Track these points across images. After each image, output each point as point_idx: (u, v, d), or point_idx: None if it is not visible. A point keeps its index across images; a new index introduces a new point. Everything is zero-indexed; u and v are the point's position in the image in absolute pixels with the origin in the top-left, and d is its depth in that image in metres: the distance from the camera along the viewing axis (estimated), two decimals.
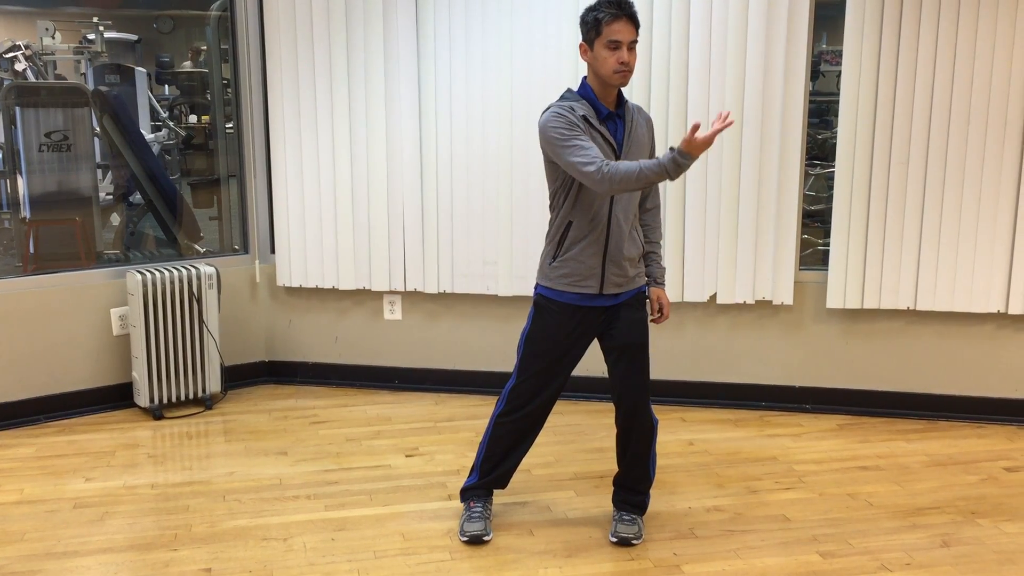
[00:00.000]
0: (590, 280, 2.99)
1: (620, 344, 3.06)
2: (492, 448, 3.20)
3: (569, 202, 2.96)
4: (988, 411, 4.33)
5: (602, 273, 2.98)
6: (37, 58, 6.83)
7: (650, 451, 3.17)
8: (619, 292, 3.02)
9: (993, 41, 4.01)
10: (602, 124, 2.92)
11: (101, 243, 5.68)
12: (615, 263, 2.98)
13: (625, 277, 3.02)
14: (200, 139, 7.78)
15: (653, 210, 3.18)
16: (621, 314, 3.04)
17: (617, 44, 2.83)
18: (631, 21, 2.84)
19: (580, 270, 2.98)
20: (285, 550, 3.11)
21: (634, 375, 3.07)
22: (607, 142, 2.92)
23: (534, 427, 3.19)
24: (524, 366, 3.10)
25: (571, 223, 2.97)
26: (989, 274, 4.17)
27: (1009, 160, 4.08)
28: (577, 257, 2.98)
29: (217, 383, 4.58)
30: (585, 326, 3.05)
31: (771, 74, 4.18)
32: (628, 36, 2.83)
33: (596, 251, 2.97)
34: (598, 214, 2.95)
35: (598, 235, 2.96)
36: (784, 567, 3.00)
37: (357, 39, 4.51)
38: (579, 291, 3.00)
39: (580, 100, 2.92)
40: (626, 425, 3.12)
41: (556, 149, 2.82)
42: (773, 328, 4.44)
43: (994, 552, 3.11)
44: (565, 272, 3.00)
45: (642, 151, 3.01)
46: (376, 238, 4.64)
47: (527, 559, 3.05)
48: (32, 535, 3.22)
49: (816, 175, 6.83)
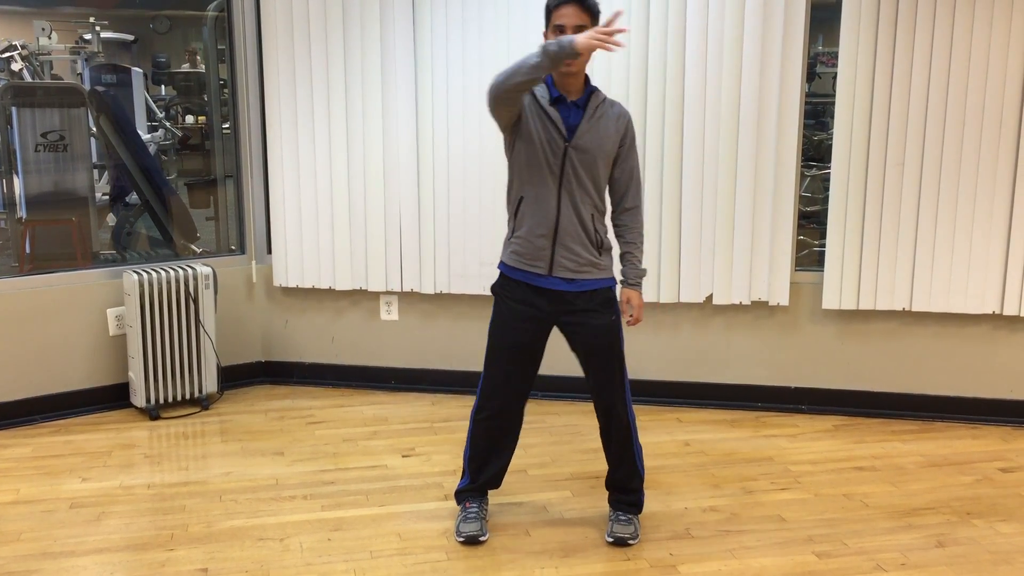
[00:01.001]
0: (539, 262, 2.99)
1: (583, 349, 3.07)
2: (474, 447, 3.21)
3: (516, 176, 2.99)
4: (983, 412, 4.35)
5: (551, 255, 2.98)
6: (33, 58, 6.83)
7: (632, 446, 3.16)
8: (573, 278, 3.00)
9: (988, 43, 4.03)
10: (552, 105, 2.92)
11: (97, 243, 5.68)
12: (564, 246, 2.97)
13: (577, 262, 2.99)
14: (196, 139, 7.78)
15: (632, 210, 3.10)
16: (581, 317, 3.02)
17: (561, 28, 2.84)
18: (580, 6, 2.83)
19: (530, 250, 2.99)
20: (281, 550, 3.11)
21: (603, 377, 3.07)
22: (553, 123, 2.91)
23: (510, 422, 3.17)
24: (489, 357, 3.11)
25: (522, 199, 2.99)
26: (984, 275, 4.18)
27: (1004, 162, 4.09)
28: (527, 236, 2.99)
29: (214, 383, 4.58)
30: (538, 309, 3.03)
31: (767, 75, 4.19)
32: (572, 21, 2.83)
33: (546, 232, 2.97)
34: (544, 192, 2.95)
35: (546, 214, 2.96)
36: (780, 567, 3.00)
37: (354, 39, 4.51)
38: (529, 270, 3.01)
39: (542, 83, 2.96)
40: (604, 424, 3.14)
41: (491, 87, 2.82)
42: (769, 329, 4.45)
43: (989, 552, 3.12)
44: (516, 249, 3.03)
45: (603, 144, 2.95)
46: (372, 238, 4.65)
47: (523, 559, 3.05)
48: (28, 535, 3.22)
49: (812, 176, 6.85)
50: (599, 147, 2.96)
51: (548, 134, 2.92)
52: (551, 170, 2.94)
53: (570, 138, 2.93)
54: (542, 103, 2.93)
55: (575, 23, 2.83)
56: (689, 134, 4.27)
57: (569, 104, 2.95)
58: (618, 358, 3.08)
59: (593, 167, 2.96)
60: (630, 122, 3.04)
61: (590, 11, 2.86)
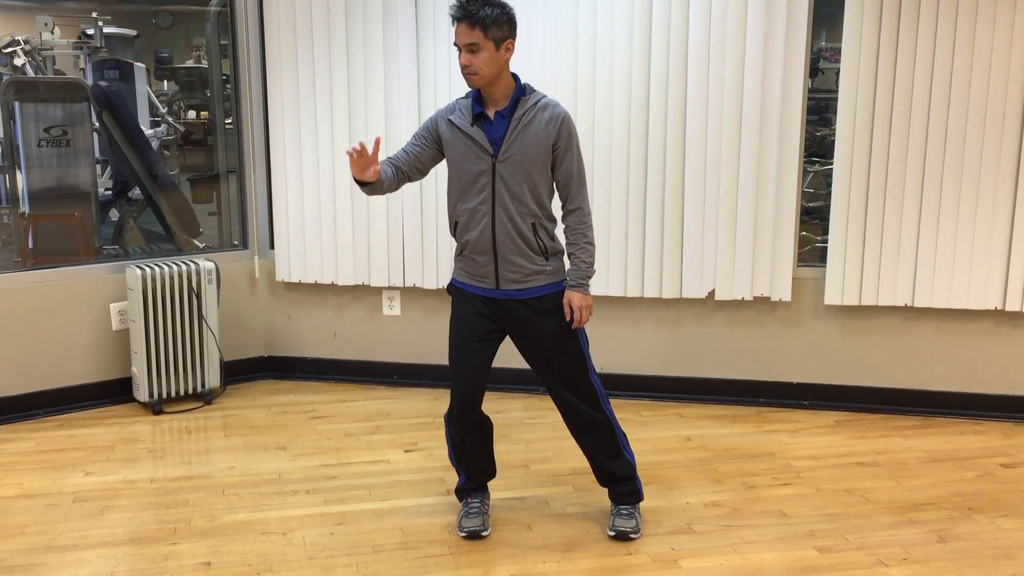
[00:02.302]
0: (486, 279, 3.02)
1: (529, 353, 3.08)
2: (455, 448, 3.20)
3: (450, 198, 3.03)
4: (985, 407, 4.35)
5: (496, 272, 3.00)
6: (36, 53, 6.83)
7: (612, 441, 3.13)
8: (519, 288, 3.00)
9: (991, 38, 4.02)
10: (474, 124, 2.92)
11: (100, 238, 5.69)
12: (506, 260, 2.97)
13: (522, 272, 2.99)
14: (199, 134, 7.78)
15: (576, 212, 3.00)
16: (529, 326, 3.02)
17: (458, 47, 2.86)
18: (467, 23, 2.80)
19: (475, 268, 3.02)
20: (284, 544, 3.12)
21: (554, 380, 3.07)
22: (476, 143, 2.92)
23: (475, 414, 3.10)
24: (451, 355, 3.11)
25: (457, 223, 3.02)
26: (986, 271, 4.18)
27: (1007, 157, 4.09)
28: (470, 254, 3.02)
29: (216, 378, 4.59)
30: (490, 313, 3.04)
31: (770, 71, 4.18)
32: (462, 39, 2.82)
33: (485, 250, 2.98)
34: (477, 212, 2.96)
35: (482, 233, 2.96)
36: (781, 562, 3.01)
37: (357, 35, 4.51)
38: (478, 284, 3.04)
39: (468, 99, 2.97)
40: (571, 426, 3.14)
41: None
42: (771, 324, 4.45)
43: (990, 547, 3.12)
44: (462, 266, 3.07)
45: (532, 152, 2.91)
46: (375, 234, 4.65)
47: (525, 554, 3.06)
48: (32, 529, 3.23)
49: (815, 172, 6.84)
50: (529, 156, 2.91)
51: (474, 155, 2.92)
52: (481, 190, 2.94)
53: (496, 153, 2.91)
54: (462, 127, 2.94)
55: (465, 42, 2.82)
56: (692, 130, 4.27)
57: (494, 116, 2.93)
58: (574, 361, 3.05)
59: (527, 176, 2.92)
60: (564, 122, 2.92)
61: (482, 25, 2.78)
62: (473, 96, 2.96)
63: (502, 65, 2.87)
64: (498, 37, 2.83)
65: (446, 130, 2.98)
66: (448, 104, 3.04)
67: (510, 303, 3.01)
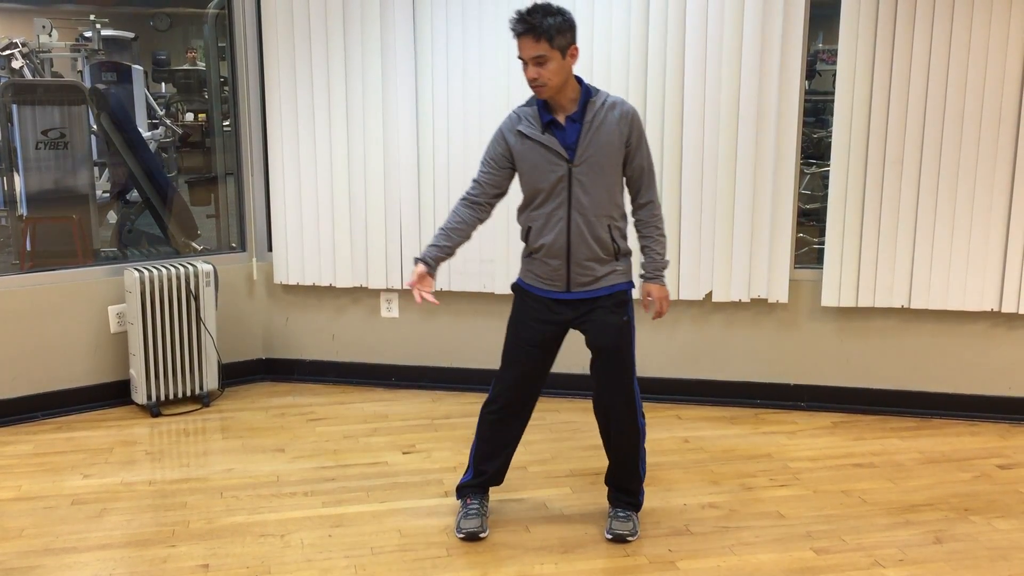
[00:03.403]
0: (557, 281, 3.02)
1: (592, 346, 3.09)
2: (481, 440, 3.22)
3: (525, 205, 3.03)
4: (981, 409, 4.36)
5: (567, 275, 3.01)
6: (34, 55, 6.84)
7: (637, 452, 3.17)
8: (589, 289, 3.02)
9: (987, 40, 4.03)
10: (546, 132, 2.92)
11: (98, 240, 5.69)
12: (579, 264, 2.99)
13: (592, 276, 3.01)
14: (197, 137, 7.79)
15: (648, 205, 3.08)
16: (595, 316, 3.04)
17: (523, 61, 2.85)
18: (532, 36, 2.79)
19: (546, 271, 3.03)
20: (282, 546, 3.12)
21: (605, 377, 3.08)
22: (551, 151, 2.91)
23: (518, 416, 3.18)
24: (506, 351, 3.13)
25: (530, 228, 3.02)
26: (983, 272, 4.19)
27: (1003, 159, 4.10)
28: (542, 258, 3.02)
29: (215, 380, 4.59)
30: (556, 314, 3.06)
31: (767, 73, 4.19)
32: (528, 53, 2.82)
33: (559, 253, 2.99)
34: (553, 217, 2.97)
35: (557, 237, 2.97)
36: (778, 563, 3.02)
37: (354, 37, 4.52)
38: (548, 288, 3.05)
39: (532, 107, 2.96)
40: (603, 424, 3.15)
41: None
42: (768, 326, 4.46)
43: (987, 548, 3.13)
44: (533, 269, 3.07)
45: (608, 152, 2.93)
46: (373, 236, 4.65)
47: (523, 555, 3.06)
48: (30, 531, 3.23)
49: (811, 174, 6.86)
50: (606, 156, 2.94)
51: (548, 162, 2.92)
52: (557, 195, 2.95)
53: (572, 158, 2.92)
54: (533, 136, 2.93)
55: (531, 55, 2.81)
56: (689, 132, 4.28)
57: (565, 122, 2.93)
58: (624, 362, 3.08)
59: (602, 178, 2.95)
60: (635, 119, 2.96)
61: (546, 37, 2.79)
62: (539, 104, 2.94)
63: (569, 72, 2.88)
64: (563, 45, 2.83)
65: (516, 142, 2.95)
66: (509, 116, 3.00)
67: (578, 302, 3.04)
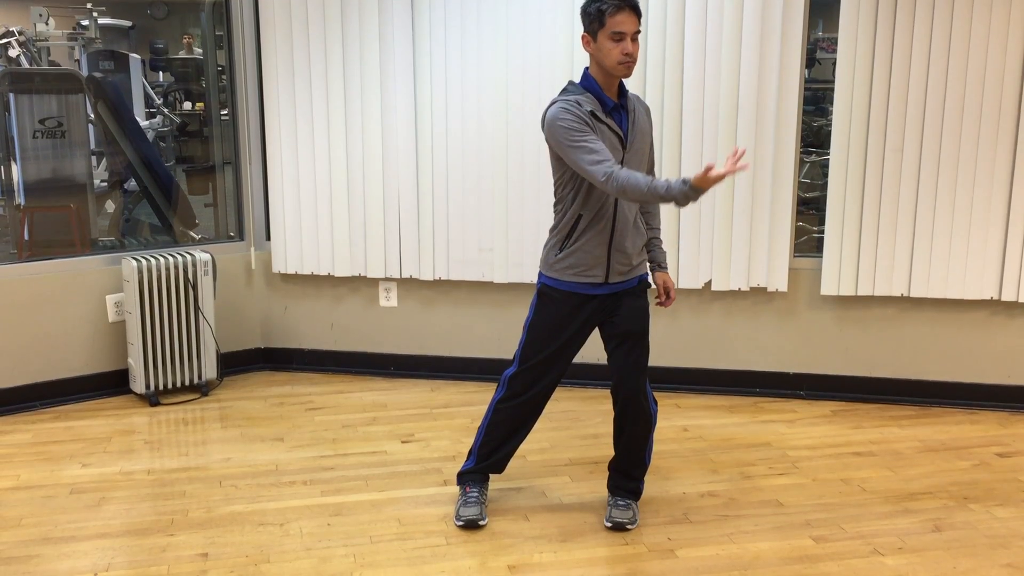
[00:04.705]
0: (596, 269, 3.01)
1: (621, 332, 3.07)
2: (491, 433, 3.21)
3: (581, 198, 2.96)
4: (981, 397, 4.36)
5: (608, 262, 3.01)
6: (31, 44, 6.81)
7: (647, 438, 3.19)
8: (623, 280, 3.05)
9: (988, 29, 4.02)
10: (608, 116, 2.91)
11: (96, 230, 5.67)
12: (620, 251, 3.01)
13: (629, 265, 3.05)
14: (195, 126, 7.76)
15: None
16: (623, 301, 3.07)
17: (621, 36, 2.82)
18: (634, 12, 2.83)
19: (587, 260, 3.01)
20: (281, 535, 3.12)
21: (632, 362, 3.08)
22: (615, 134, 2.92)
23: (533, 413, 3.21)
24: (525, 354, 3.12)
25: (581, 216, 2.98)
26: (982, 261, 4.18)
27: (1003, 148, 4.09)
28: (584, 247, 3.00)
29: (213, 370, 4.59)
30: (587, 314, 3.06)
31: (766, 61, 4.18)
32: (631, 27, 2.82)
33: (602, 241, 2.99)
34: (605, 205, 2.97)
35: (604, 225, 2.98)
36: (777, 551, 3.02)
37: (352, 25, 4.50)
38: (584, 280, 3.02)
39: (585, 93, 2.91)
40: (623, 412, 3.13)
41: (564, 146, 2.82)
42: (768, 315, 4.46)
43: (986, 536, 3.13)
44: (571, 263, 3.02)
45: (645, 140, 3.04)
46: (372, 225, 4.65)
47: (522, 544, 3.06)
48: (29, 520, 3.23)
49: (811, 162, 6.85)
50: (643, 144, 3.03)
51: (613, 148, 2.92)
52: None
53: (627, 143, 2.96)
54: (600, 116, 2.89)
55: (633, 29, 2.83)
56: (688, 120, 4.26)
57: (616, 108, 2.96)
58: (647, 346, 3.13)
59: (640, 165, 3.03)
60: (650, 111, 3.11)
61: (640, 15, 2.86)
62: (594, 88, 2.91)
63: None
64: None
65: (594, 125, 2.88)
66: (567, 101, 2.86)
67: (607, 296, 3.06)
